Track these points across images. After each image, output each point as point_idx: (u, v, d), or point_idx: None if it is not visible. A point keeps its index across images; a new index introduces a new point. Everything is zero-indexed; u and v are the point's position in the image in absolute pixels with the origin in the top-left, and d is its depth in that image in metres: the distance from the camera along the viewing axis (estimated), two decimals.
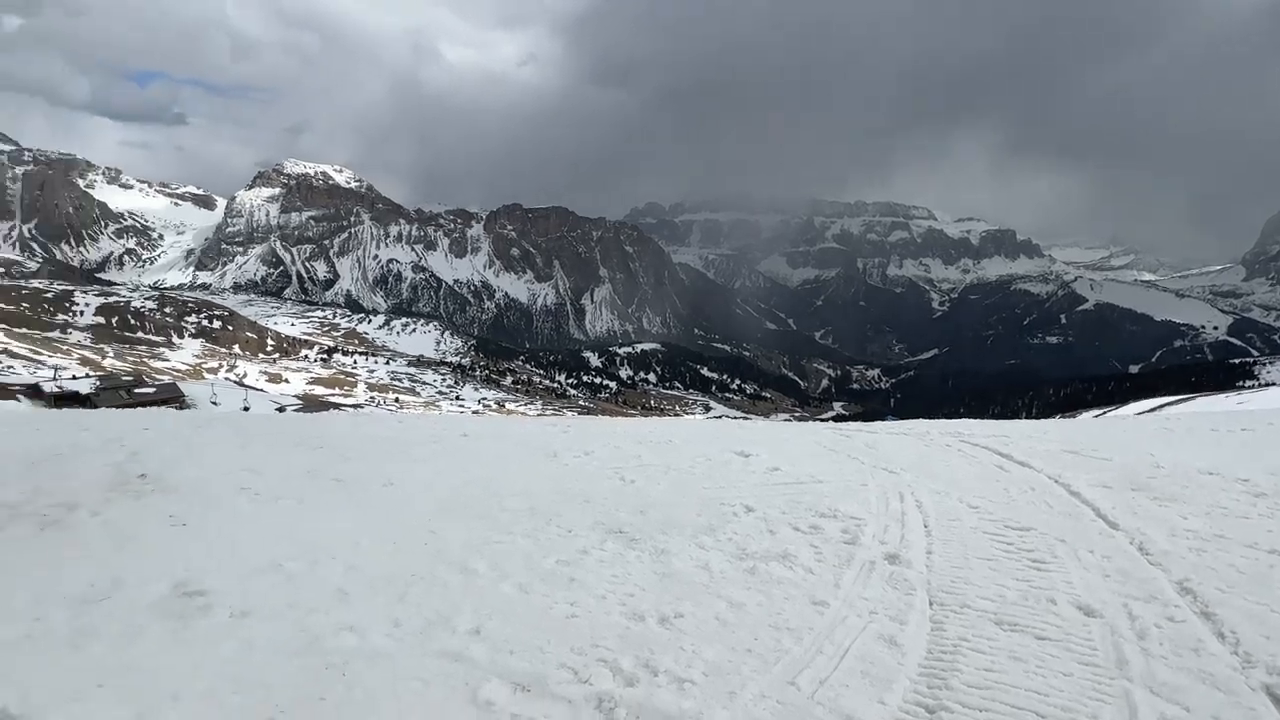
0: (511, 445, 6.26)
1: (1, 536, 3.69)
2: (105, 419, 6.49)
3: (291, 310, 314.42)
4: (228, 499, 4.36)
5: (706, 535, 4.05)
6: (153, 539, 3.71)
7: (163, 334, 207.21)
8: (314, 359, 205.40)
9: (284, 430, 6.45)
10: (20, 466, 4.80)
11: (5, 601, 2.99)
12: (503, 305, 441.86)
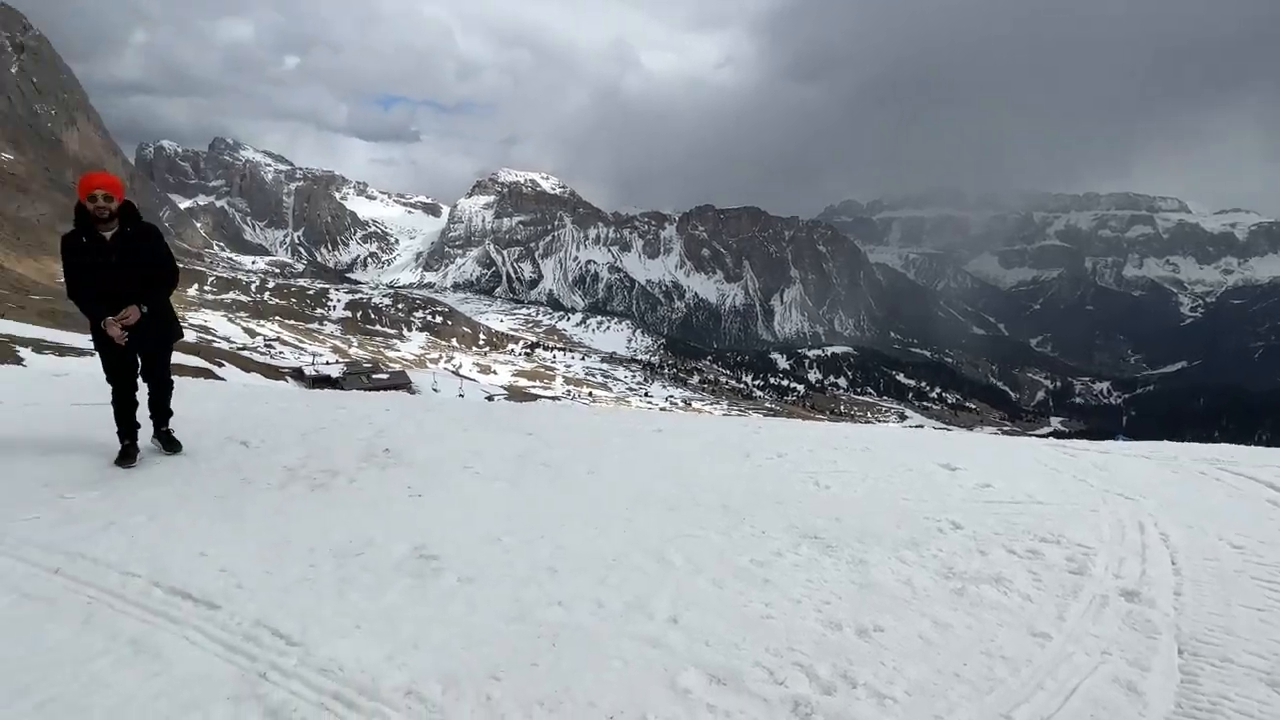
0: (703, 443, 6.35)
1: (283, 493, 4.40)
2: (357, 400, 7.52)
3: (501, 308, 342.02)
4: (454, 476, 4.87)
5: (908, 549, 3.85)
6: (395, 506, 4.24)
7: (395, 327, 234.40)
8: (518, 353, 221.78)
9: (497, 417, 7.06)
10: (295, 436, 5.71)
11: (287, 548, 3.57)
12: (692, 305, 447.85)
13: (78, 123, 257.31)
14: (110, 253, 4.46)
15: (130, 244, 4.52)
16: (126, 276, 4.51)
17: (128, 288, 4.52)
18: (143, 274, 4.58)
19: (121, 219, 4.52)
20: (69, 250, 4.46)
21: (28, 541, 3.48)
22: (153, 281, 4.65)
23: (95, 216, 4.42)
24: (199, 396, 7.71)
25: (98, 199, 4.39)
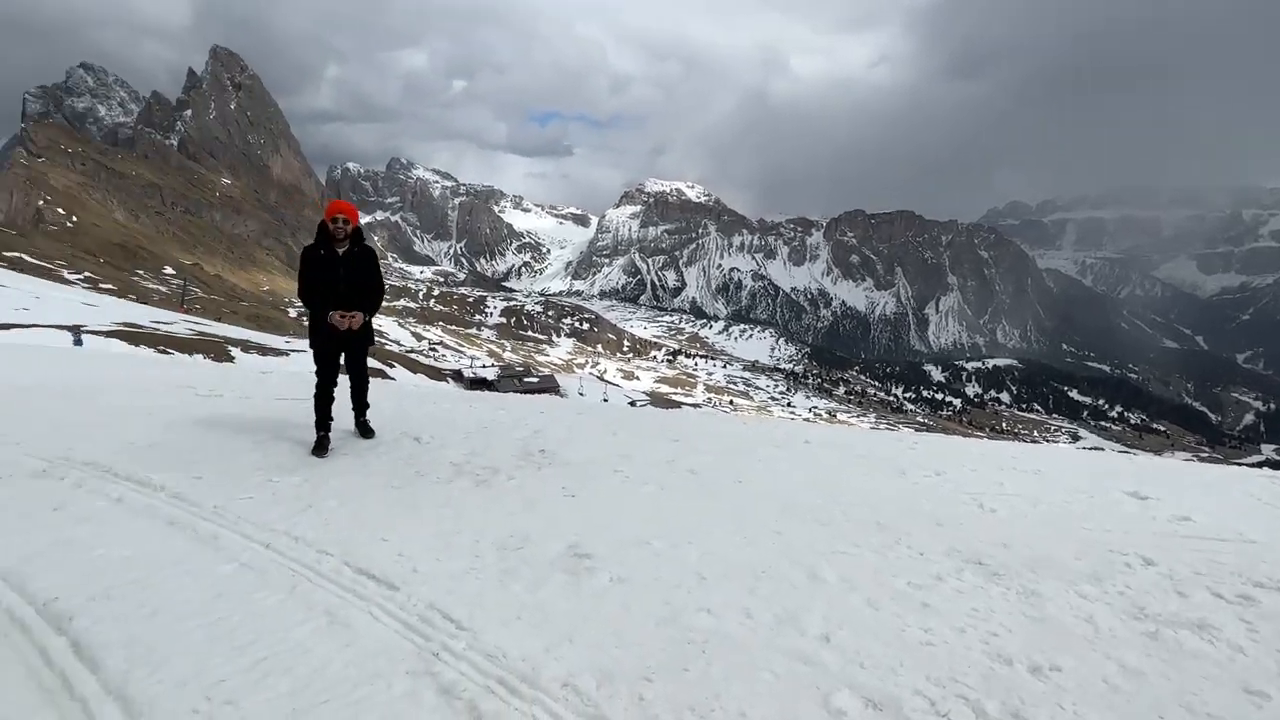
0: (854, 456, 6.13)
1: (450, 487, 4.74)
2: (514, 403, 7.96)
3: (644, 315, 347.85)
4: (604, 478, 5.02)
5: (1089, 583, 3.51)
6: (550, 505, 4.44)
7: (545, 333, 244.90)
8: (661, 360, 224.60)
9: (644, 423, 7.20)
10: (461, 435, 6.14)
11: (454, 538, 3.84)
12: (839, 313, 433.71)
13: (281, 150, 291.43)
14: (339, 266, 5.28)
15: (356, 262, 5.33)
16: (350, 287, 5.30)
17: (349, 297, 5.30)
18: (362, 288, 5.38)
19: (352, 240, 5.34)
20: (308, 260, 5.30)
21: (244, 519, 3.98)
22: (368, 295, 5.45)
23: (333, 235, 5.27)
24: (377, 396, 8.47)
25: (338, 221, 5.25)
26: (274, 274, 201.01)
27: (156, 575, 3.26)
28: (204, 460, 5.10)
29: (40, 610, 2.91)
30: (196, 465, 4.96)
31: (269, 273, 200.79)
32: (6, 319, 41.60)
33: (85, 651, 2.65)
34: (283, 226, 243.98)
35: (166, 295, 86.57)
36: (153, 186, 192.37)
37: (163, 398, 7.73)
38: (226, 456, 5.24)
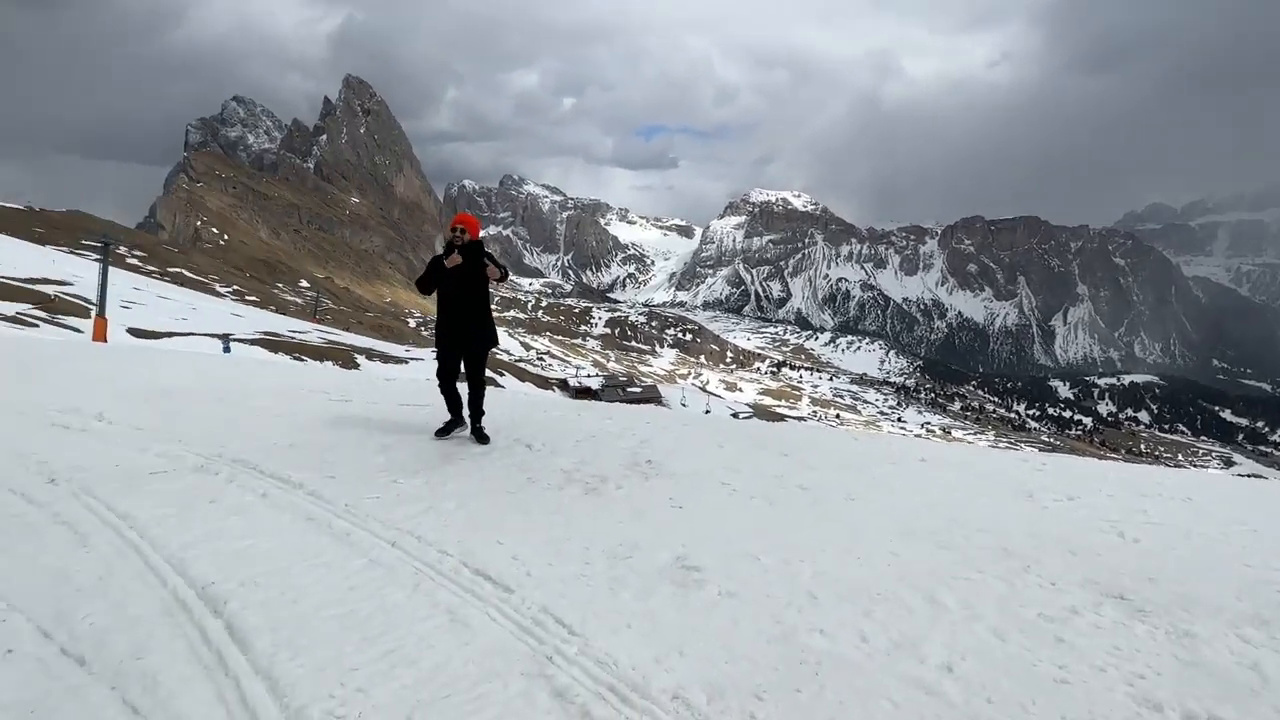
0: (976, 476, 5.81)
1: (561, 494, 4.85)
2: (621, 413, 8.08)
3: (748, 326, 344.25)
4: (711, 491, 5.00)
5: (1254, 627, 3.16)
6: (657, 515, 4.46)
7: (648, 343, 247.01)
8: (765, 371, 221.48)
9: (751, 435, 7.12)
10: (570, 443, 6.28)
11: (565, 544, 3.92)
12: (954, 325, 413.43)
13: (404, 170, 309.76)
14: (454, 270, 5.96)
15: (465, 268, 5.97)
16: (458, 286, 6.02)
17: (457, 294, 6.01)
18: (467, 291, 6.04)
19: (467, 250, 5.97)
20: (432, 261, 6.09)
21: (372, 517, 4.24)
22: (475, 290, 6.09)
23: (451, 242, 5.98)
24: (491, 403, 8.81)
25: (456, 230, 5.97)
26: (395, 286, 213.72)
27: (297, 566, 3.52)
28: (336, 461, 5.47)
29: (200, 593, 3.20)
30: (330, 465, 5.32)
31: (391, 285, 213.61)
32: (169, 327, 46.18)
33: (237, 633, 2.89)
34: (404, 242, 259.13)
35: (301, 306, 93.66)
36: (292, 206, 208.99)
37: (299, 402, 8.36)
38: (356, 458, 5.59)
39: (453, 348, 6.15)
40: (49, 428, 6.44)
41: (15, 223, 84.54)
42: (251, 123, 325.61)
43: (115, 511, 4.19)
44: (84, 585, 3.25)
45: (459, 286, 6.00)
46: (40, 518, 4.07)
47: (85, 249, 70.98)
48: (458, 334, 6.06)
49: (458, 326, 6.05)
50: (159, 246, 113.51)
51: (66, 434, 6.20)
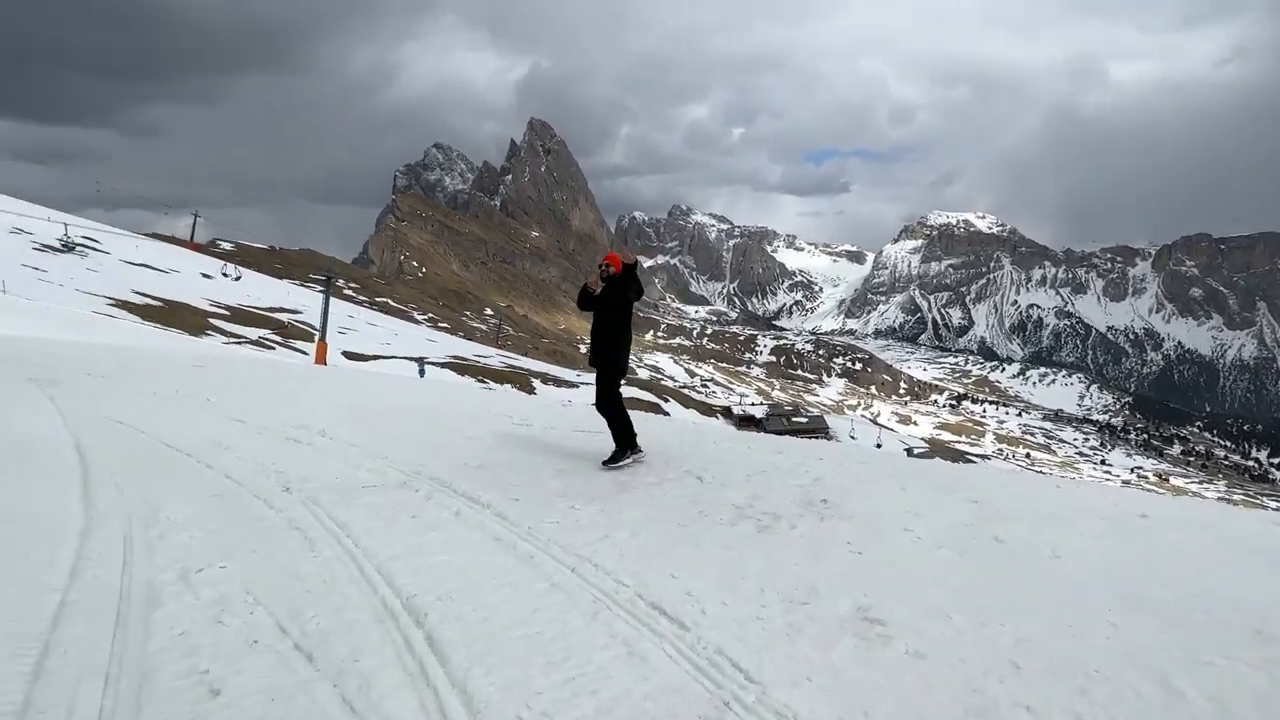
0: (1213, 540, 5.00)
1: (733, 530, 4.79)
2: (792, 446, 7.86)
3: (924, 355, 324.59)
4: (893, 536, 4.70)
5: None
6: (835, 559, 4.27)
7: (815, 372, 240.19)
8: (942, 404, 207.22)
9: (936, 476, 6.63)
10: (740, 476, 6.20)
11: (740, 583, 3.85)
12: (1172, 357, 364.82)
13: (580, 204, 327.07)
14: (599, 297, 6.64)
15: (602, 296, 6.63)
16: (597, 310, 6.66)
17: (597, 317, 6.69)
18: (601, 316, 6.70)
19: (609, 281, 6.59)
20: (583, 286, 6.74)
21: (553, 541, 4.42)
22: (604, 315, 6.69)
23: (599, 273, 6.61)
24: (661, 431, 8.95)
25: (601, 264, 6.64)
26: (570, 315, 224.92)
27: (487, 584, 3.74)
28: (519, 483, 5.78)
29: (404, 604, 3.50)
30: (514, 487, 5.64)
31: (565, 314, 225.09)
32: (376, 351, 51.62)
33: (437, 645, 3.11)
34: (578, 272, 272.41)
35: (485, 333, 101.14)
36: (480, 241, 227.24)
37: (486, 425, 8.97)
38: (536, 482, 5.88)
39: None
40: (284, 441, 7.40)
41: (261, 260, 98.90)
42: (448, 166, 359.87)
43: (335, 520, 4.70)
44: (312, 587, 3.66)
45: (597, 309, 6.68)
46: (278, 522, 4.66)
47: (312, 282, 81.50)
48: (592, 354, 6.73)
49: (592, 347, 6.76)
50: (369, 279, 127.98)
51: (297, 448, 7.09)
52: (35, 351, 13.72)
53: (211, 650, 3.06)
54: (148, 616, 3.30)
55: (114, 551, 4.03)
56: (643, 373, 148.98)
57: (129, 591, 3.57)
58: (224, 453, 6.73)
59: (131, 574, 3.78)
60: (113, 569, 3.83)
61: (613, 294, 6.61)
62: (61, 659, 2.94)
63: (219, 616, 3.34)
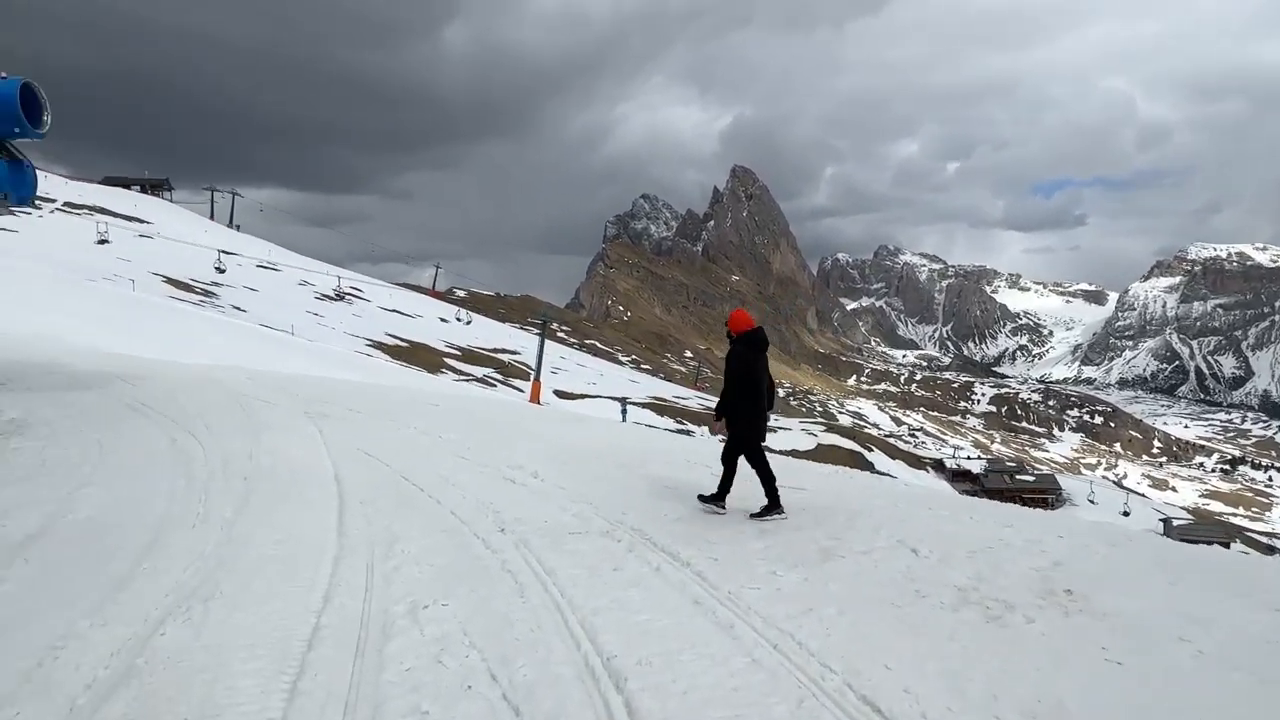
0: None
1: (956, 617, 4.27)
2: (1025, 519, 6.95)
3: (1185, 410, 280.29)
4: (1163, 646, 3.91)
5: None
6: (1087, 668, 3.62)
7: (1043, 425, 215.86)
8: (1211, 468, 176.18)
9: (1220, 570, 5.48)
10: (964, 552, 5.56)
11: (967, 685, 3.39)
12: None
13: (781, 247, 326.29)
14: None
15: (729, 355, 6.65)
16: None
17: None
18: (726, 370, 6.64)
19: (732, 340, 6.63)
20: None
21: (754, 610, 4.23)
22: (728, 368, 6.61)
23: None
24: (865, 492, 8.37)
25: (726, 325, 6.83)
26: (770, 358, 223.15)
27: (686, 653, 3.64)
28: (718, 542, 5.65)
29: (605, 664, 3.50)
30: (713, 546, 5.52)
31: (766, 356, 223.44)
32: (583, 390, 54.58)
33: (634, 714, 3.06)
34: (778, 315, 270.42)
35: (684, 375, 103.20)
36: (682, 286, 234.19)
37: (686, 472, 8.98)
38: (736, 540, 5.71)
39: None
40: (501, 480, 7.93)
41: (487, 305, 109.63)
42: (654, 215, 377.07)
43: (543, 566, 4.88)
44: (521, 635, 3.80)
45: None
46: (493, 563, 4.93)
47: (530, 325, 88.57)
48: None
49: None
50: (580, 322, 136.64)
51: (512, 488, 7.56)
52: (311, 388, 16.15)
53: (432, 690, 3.25)
54: (382, 648, 3.61)
55: (358, 580, 4.50)
56: (844, 419, 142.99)
57: (368, 620, 3.94)
58: (451, 489, 7.35)
59: (371, 603, 4.18)
60: (356, 597, 4.27)
61: (731, 349, 6.61)
62: (312, 681, 3.28)
63: (439, 656, 3.56)
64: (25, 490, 6.89)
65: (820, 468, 10.10)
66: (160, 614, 3.91)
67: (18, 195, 9.53)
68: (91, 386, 13.27)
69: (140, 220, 72.02)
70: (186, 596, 4.13)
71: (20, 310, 22.87)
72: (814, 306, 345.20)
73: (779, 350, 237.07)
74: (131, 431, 9.93)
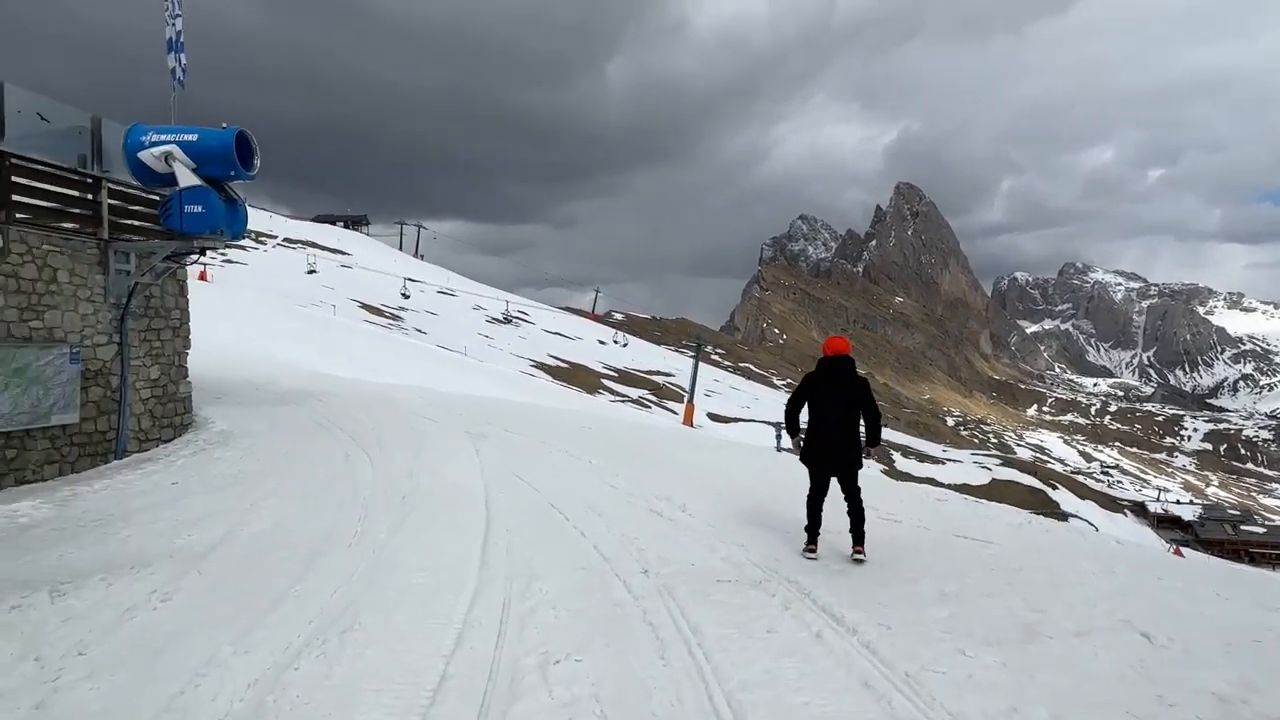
0: None
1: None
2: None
3: None
4: None
5: None
6: None
7: (1276, 468, 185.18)
8: None
9: None
10: (1218, 642, 4.38)
11: None
12: None
13: (950, 266, 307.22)
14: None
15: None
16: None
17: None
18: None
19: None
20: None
21: (938, 702, 3.47)
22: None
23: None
24: (1069, 550, 7.09)
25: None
26: (935, 384, 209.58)
27: None
28: (891, 603, 4.88)
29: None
30: (885, 608, 4.76)
31: (931, 382, 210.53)
32: (736, 414, 53.74)
33: None
34: (946, 338, 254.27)
35: None
36: (841, 308, 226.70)
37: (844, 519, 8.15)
38: (913, 603, 4.91)
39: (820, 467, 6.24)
40: (648, 513, 7.56)
41: (644, 328, 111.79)
42: (811, 236, 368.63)
43: (688, 620, 4.39)
44: (658, 709, 3.33)
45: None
46: (633, 613, 4.52)
47: (684, 348, 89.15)
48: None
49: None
50: (735, 345, 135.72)
51: (659, 522, 7.15)
52: (474, 408, 16.84)
53: None
54: (506, 711, 3.28)
55: (492, 619, 4.25)
56: (1023, 452, 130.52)
57: (496, 671, 3.65)
58: (596, 520, 7.08)
59: (502, 650, 3.90)
60: (488, 640, 4.01)
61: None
62: None
63: None
64: (218, 500, 7.45)
65: (1009, 514, 8.81)
66: (300, 643, 3.86)
67: (232, 231, 10.57)
68: (290, 402, 14.58)
69: (342, 252, 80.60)
70: (326, 626, 4.08)
71: (246, 331, 25.98)
72: (988, 330, 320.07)
73: (947, 376, 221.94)
74: (315, 447, 10.67)
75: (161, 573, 4.97)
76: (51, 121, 9.69)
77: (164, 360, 10.96)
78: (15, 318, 8.43)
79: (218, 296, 36.37)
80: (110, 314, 9.83)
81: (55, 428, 8.93)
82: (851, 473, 6.08)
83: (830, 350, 6.16)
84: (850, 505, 6.04)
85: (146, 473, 9.08)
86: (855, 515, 6.03)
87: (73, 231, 9.40)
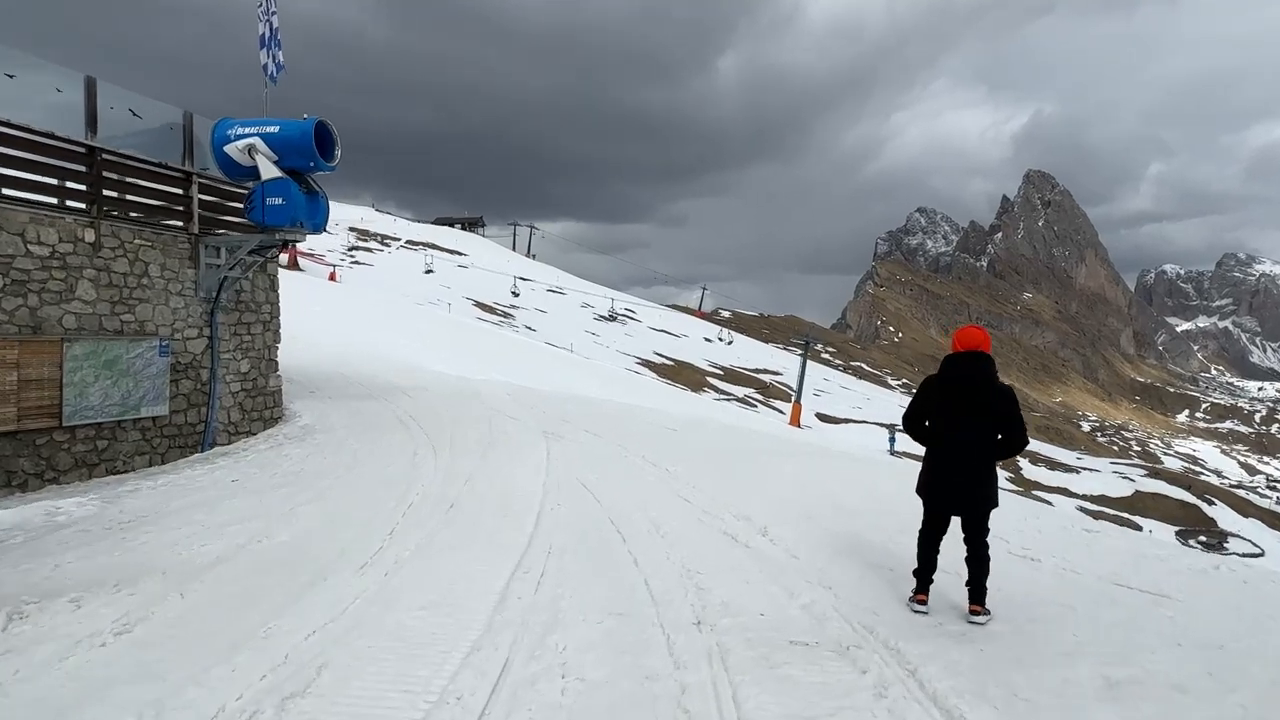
0: None
1: None
2: None
3: None
4: None
5: None
6: None
7: None
8: None
9: None
10: None
11: None
12: None
13: (1086, 259, 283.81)
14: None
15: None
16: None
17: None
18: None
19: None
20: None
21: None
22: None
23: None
24: (1229, 589, 5.33)
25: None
26: (1069, 386, 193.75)
27: None
28: (1034, 696, 3.50)
29: None
30: (1022, 697, 3.42)
31: (1064, 384, 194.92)
32: (847, 415, 51.09)
33: None
34: (1081, 337, 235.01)
35: None
36: (962, 304, 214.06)
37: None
38: (1066, 689, 3.53)
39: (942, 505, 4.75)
40: (720, 536, 6.41)
41: (751, 326, 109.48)
42: (930, 229, 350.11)
43: (739, 707, 3.25)
44: None
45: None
46: (669, 689, 3.41)
47: (793, 346, 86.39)
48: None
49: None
50: (846, 343, 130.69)
51: (731, 549, 5.99)
52: (558, 406, 16.16)
53: None
54: None
55: (479, 695, 3.26)
56: (1171, 462, 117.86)
57: None
58: (657, 542, 6.02)
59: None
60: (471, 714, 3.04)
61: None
62: None
63: None
64: (260, 503, 6.98)
65: (1191, 559, 6.90)
66: (229, 714, 3.03)
67: (313, 223, 10.30)
68: (378, 397, 14.43)
69: (459, 253, 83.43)
70: (274, 688, 3.23)
71: (362, 328, 26.77)
72: (1130, 328, 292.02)
73: (1083, 378, 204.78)
74: (385, 444, 10.23)
75: (141, 593, 4.35)
76: (144, 118, 9.70)
77: (254, 354, 10.86)
78: (107, 311, 8.39)
79: (344, 295, 38.05)
80: (201, 308, 9.76)
81: (145, 419, 8.90)
82: (982, 513, 4.57)
83: (962, 345, 4.64)
84: (971, 550, 4.57)
85: (214, 468, 8.86)
86: (977, 566, 4.55)
87: (164, 226, 9.38)
